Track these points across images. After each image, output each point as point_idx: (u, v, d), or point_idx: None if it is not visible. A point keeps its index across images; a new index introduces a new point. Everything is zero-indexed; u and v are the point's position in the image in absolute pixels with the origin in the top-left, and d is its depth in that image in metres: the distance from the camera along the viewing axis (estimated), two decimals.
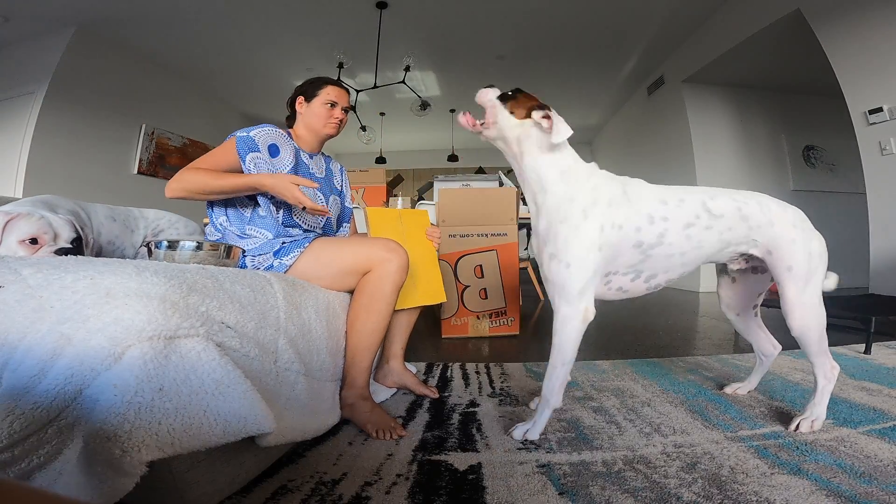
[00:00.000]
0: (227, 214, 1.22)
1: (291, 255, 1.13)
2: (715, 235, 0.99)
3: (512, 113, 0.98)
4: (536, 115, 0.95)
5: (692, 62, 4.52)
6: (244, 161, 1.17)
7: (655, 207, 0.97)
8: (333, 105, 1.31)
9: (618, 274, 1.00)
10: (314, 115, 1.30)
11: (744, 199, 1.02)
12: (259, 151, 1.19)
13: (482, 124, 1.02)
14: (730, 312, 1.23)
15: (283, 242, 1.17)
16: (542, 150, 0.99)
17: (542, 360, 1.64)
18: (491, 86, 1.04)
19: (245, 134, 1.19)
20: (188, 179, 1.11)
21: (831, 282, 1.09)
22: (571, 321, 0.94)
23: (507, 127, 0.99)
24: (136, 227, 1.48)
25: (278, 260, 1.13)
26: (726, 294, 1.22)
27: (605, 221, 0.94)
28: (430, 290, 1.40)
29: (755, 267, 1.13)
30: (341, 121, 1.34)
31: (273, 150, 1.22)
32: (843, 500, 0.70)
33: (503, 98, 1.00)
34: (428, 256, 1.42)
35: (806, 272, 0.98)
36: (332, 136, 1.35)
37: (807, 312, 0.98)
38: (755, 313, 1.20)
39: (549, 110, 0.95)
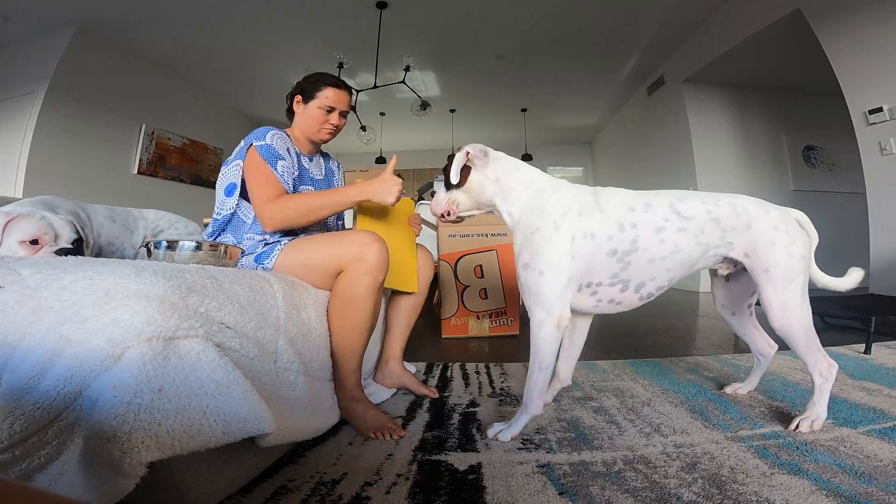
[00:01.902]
0: (231, 233, 1.21)
1: (270, 258, 1.09)
2: (690, 238, 0.99)
3: (459, 186, 1.04)
4: (474, 168, 1.04)
5: (692, 62, 4.52)
6: (276, 170, 1.14)
7: (624, 214, 0.98)
8: (331, 110, 1.25)
9: (603, 285, 1.00)
10: (309, 118, 1.25)
11: (715, 201, 1.01)
12: (285, 160, 1.17)
13: (448, 214, 1.08)
14: (725, 312, 1.23)
15: (267, 243, 1.14)
16: (501, 182, 1.05)
17: None
18: (431, 191, 1.09)
19: (263, 142, 1.15)
20: (289, 206, 1.10)
21: (852, 279, 1.07)
22: (545, 326, 0.95)
23: (470, 196, 1.06)
24: (135, 227, 1.48)
25: (260, 265, 1.09)
26: (721, 294, 1.22)
27: (577, 231, 0.96)
28: (403, 277, 1.34)
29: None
30: (337, 127, 1.28)
31: (288, 154, 1.21)
32: (843, 500, 0.70)
33: (447, 184, 1.06)
34: (407, 244, 1.38)
35: (785, 273, 0.97)
36: (325, 143, 1.31)
37: (787, 312, 0.97)
38: (750, 312, 1.20)
39: (459, 150, 1.03)
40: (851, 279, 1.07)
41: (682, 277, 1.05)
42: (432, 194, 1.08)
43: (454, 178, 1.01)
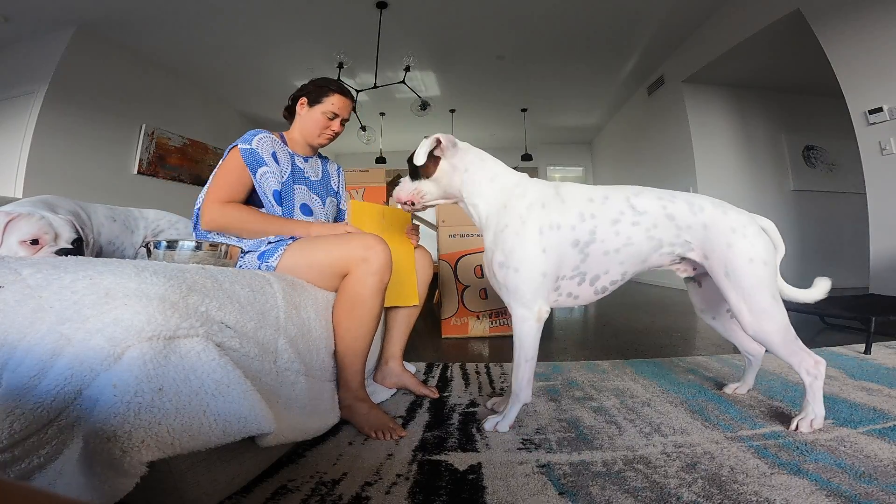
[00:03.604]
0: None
1: (275, 256, 1.10)
2: (642, 232, 1.01)
3: (428, 176, 1.07)
4: (443, 155, 1.06)
5: (692, 62, 4.52)
6: (255, 177, 1.17)
7: (584, 205, 1.01)
8: (334, 117, 1.28)
9: (565, 278, 1.03)
10: (312, 121, 1.28)
11: (671, 198, 1.02)
12: (267, 165, 1.19)
13: (412, 204, 1.11)
14: (706, 316, 1.23)
15: (270, 242, 1.15)
16: (469, 172, 1.06)
17: (542, 360, 1.64)
18: (396, 181, 1.11)
19: (248, 146, 1.17)
20: (232, 216, 1.12)
21: (820, 290, 1.04)
22: (527, 321, 0.98)
23: (439, 186, 1.08)
24: (135, 227, 1.48)
25: (264, 263, 1.10)
26: (697, 300, 1.23)
27: (543, 223, 0.98)
28: (403, 291, 1.34)
29: None
30: (336, 133, 1.31)
31: (275, 159, 1.22)
32: (843, 500, 0.70)
33: (413, 174, 1.09)
34: (406, 258, 1.37)
35: (749, 278, 0.95)
36: (322, 147, 1.33)
37: (757, 319, 0.96)
38: (731, 316, 1.19)
39: (427, 137, 1.04)
40: (818, 290, 1.04)
41: (636, 272, 1.07)
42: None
43: (420, 159, 1.02)
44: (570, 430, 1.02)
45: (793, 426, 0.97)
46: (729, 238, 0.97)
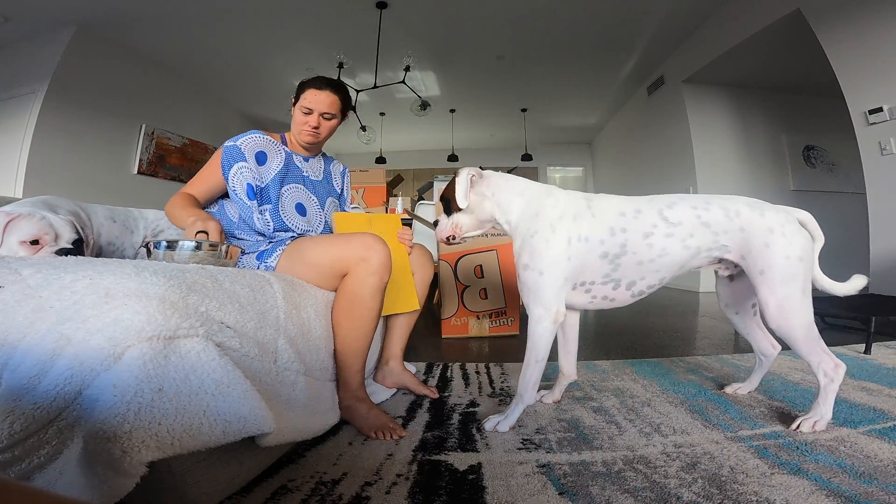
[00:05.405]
0: (218, 217, 1.22)
1: (273, 256, 1.10)
2: (678, 243, 1.01)
3: (460, 210, 1.12)
4: (471, 187, 1.12)
5: (692, 62, 4.53)
6: (227, 175, 1.19)
7: (615, 220, 1.03)
8: (309, 112, 1.24)
9: (596, 284, 1.05)
10: (294, 120, 1.28)
11: (705, 205, 1.02)
12: (245, 161, 1.19)
13: (453, 238, 1.16)
14: (729, 311, 1.23)
15: (271, 241, 1.15)
16: (496, 196, 1.12)
17: None
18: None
19: (232, 143, 1.20)
20: (168, 210, 1.16)
21: (854, 285, 1.04)
22: (543, 321, 1.01)
23: (472, 216, 1.14)
24: (135, 227, 1.48)
25: (263, 263, 1.10)
26: (724, 293, 1.22)
27: (572, 234, 1.01)
28: (400, 297, 1.32)
29: None
30: (316, 128, 1.25)
31: (260, 158, 1.22)
32: (843, 500, 0.70)
33: (447, 211, 1.16)
34: (399, 263, 1.32)
35: (782, 275, 0.96)
36: (310, 144, 1.29)
37: (783, 313, 0.97)
38: (754, 312, 1.20)
39: (459, 176, 1.11)
40: (852, 285, 1.05)
41: (673, 277, 1.08)
42: (434, 191, 1.14)
43: (463, 202, 1.09)
44: (570, 430, 1.02)
45: (794, 425, 0.97)
46: (767, 238, 0.98)
